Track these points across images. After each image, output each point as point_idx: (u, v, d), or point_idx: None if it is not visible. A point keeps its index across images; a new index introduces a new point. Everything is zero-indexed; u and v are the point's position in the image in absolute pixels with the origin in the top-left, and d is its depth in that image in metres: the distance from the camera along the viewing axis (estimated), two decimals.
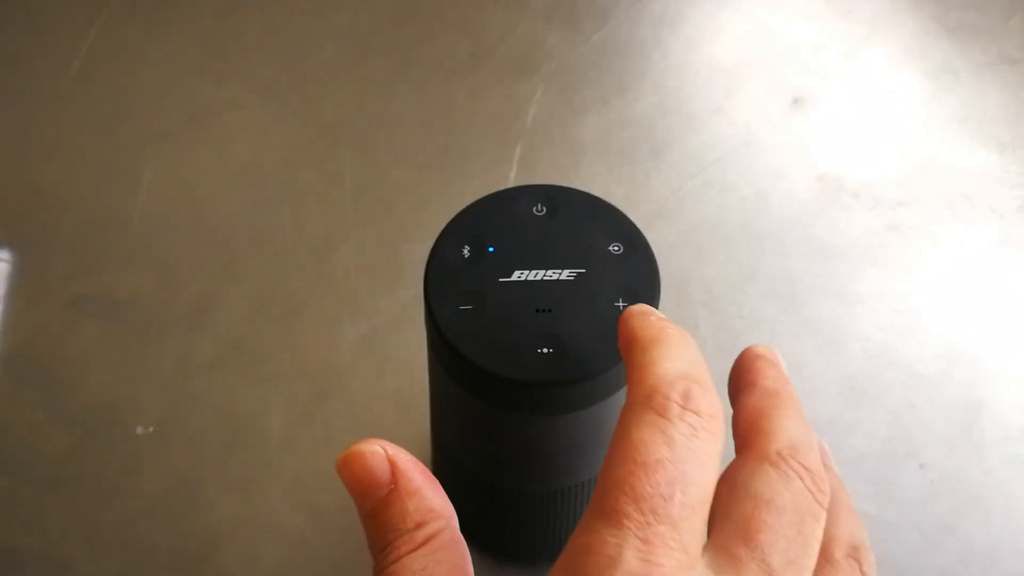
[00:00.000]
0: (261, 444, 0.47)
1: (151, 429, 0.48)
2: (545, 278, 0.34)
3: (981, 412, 0.49)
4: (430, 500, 0.28)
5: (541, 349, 0.33)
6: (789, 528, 0.26)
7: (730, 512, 0.26)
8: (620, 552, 0.24)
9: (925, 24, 0.61)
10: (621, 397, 0.34)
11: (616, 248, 0.35)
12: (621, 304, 0.33)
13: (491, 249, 0.35)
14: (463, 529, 0.45)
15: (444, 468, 0.43)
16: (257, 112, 0.57)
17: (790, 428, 0.28)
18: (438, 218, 0.36)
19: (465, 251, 0.35)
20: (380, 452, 0.28)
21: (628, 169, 0.55)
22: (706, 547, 0.26)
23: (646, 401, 0.26)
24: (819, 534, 0.27)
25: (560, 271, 0.34)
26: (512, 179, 0.55)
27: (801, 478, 0.27)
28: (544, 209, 0.36)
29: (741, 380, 0.30)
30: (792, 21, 0.61)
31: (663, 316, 0.30)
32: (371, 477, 0.27)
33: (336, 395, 0.49)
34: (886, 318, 0.51)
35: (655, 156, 0.56)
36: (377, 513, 0.28)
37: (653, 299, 0.34)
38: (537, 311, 0.33)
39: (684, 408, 0.26)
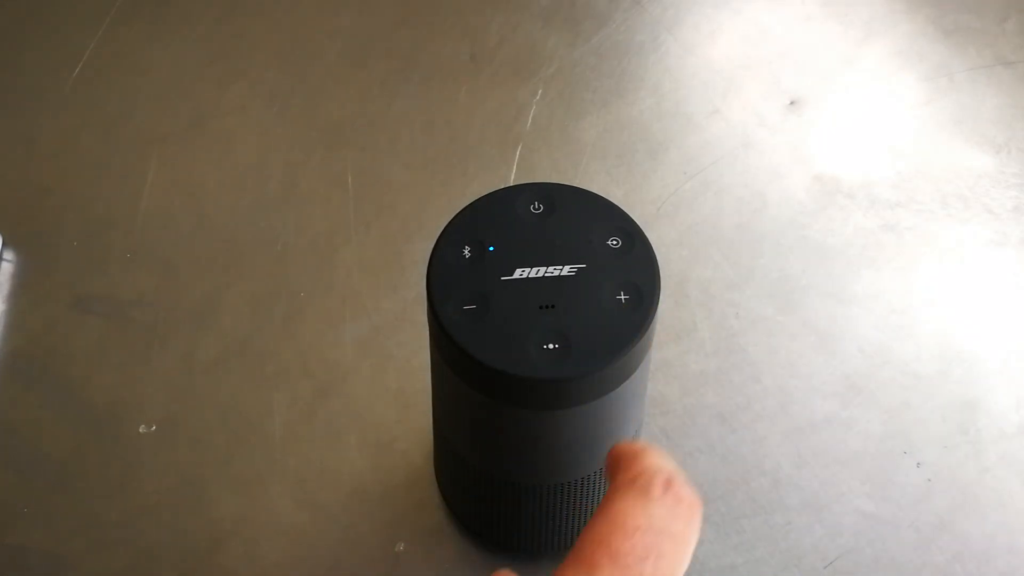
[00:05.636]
0: (264, 443, 0.48)
1: (154, 428, 0.48)
2: (547, 275, 0.34)
3: (977, 411, 0.49)
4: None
5: (548, 345, 0.33)
6: None
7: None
8: None
9: (922, 27, 0.61)
10: (626, 390, 0.35)
11: (615, 242, 0.35)
12: (623, 296, 0.34)
13: (491, 248, 0.35)
14: (467, 526, 0.46)
15: (448, 466, 0.43)
16: (260, 114, 0.58)
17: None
18: (439, 219, 0.36)
19: (466, 252, 0.35)
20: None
21: (626, 170, 0.56)
22: None
23: (631, 482, 0.29)
24: None
25: (561, 267, 0.35)
26: (512, 180, 0.55)
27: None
28: (541, 207, 0.36)
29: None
30: (789, 23, 0.62)
31: None
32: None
33: (338, 394, 0.49)
34: (882, 318, 0.51)
35: (653, 157, 0.56)
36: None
37: (654, 290, 0.34)
38: (541, 307, 0.34)
39: (665, 492, 0.29)
